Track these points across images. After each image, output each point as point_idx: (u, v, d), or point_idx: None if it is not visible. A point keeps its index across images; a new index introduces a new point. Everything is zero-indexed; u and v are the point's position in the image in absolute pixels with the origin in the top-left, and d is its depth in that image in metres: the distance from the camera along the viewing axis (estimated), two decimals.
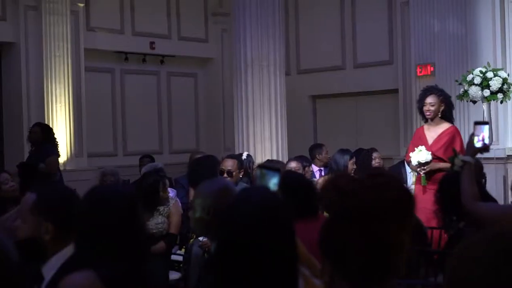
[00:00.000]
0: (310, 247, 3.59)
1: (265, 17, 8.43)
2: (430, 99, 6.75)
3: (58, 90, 11.07)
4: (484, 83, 9.06)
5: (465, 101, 9.74)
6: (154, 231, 5.62)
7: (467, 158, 3.58)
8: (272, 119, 8.47)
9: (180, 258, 6.35)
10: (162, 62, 13.30)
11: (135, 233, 2.11)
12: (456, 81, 9.69)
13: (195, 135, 14.10)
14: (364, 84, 12.80)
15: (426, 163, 6.50)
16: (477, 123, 3.66)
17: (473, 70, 9.41)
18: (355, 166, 7.20)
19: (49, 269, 2.35)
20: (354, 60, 13.03)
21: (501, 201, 8.08)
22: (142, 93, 13.14)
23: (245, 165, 6.69)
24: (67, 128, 11.18)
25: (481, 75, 9.12)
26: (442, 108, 6.73)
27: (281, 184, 2.15)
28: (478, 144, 3.58)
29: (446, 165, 6.15)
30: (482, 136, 3.58)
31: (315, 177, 8.06)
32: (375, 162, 7.95)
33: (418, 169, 6.63)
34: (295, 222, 1.94)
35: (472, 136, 3.60)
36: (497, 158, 9.46)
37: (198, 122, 14.14)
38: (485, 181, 8.39)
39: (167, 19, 13.28)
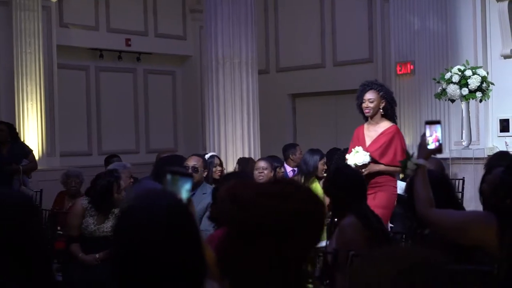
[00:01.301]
0: None
1: (237, 13, 8.18)
2: (369, 95, 6.15)
3: (29, 88, 10.78)
4: (463, 82, 8.87)
5: (443, 100, 9.55)
6: (108, 234, 5.37)
7: (420, 161, 3.37)
8: (244, 118, 8.23)
9: None
10: (138, 59, 13.04)
11: (25, 246, 1.84)
12: (434, 79, 9.50)
13: (173, 134, 13.85)
14: (344, 83, 12.59)
15: (364, 166, 5.96)
16: (428, 122, 3.44)
17: (452, 68, 9.22)
18: (325, 167, 6.95)
19: None
20: (334, 58, 12.83)
21: (479, 203, 7.86)
22: (118, 91, 12.87)
23: (208, 165, 6.44)
24: (38, 127, 10.90)
25: (460, 73, 8.92)
26: (383, 105, 6.13)
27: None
28: (431, 145, 3.36)
29: (387, 168, 5.95)
30: (435, 136, 3.37)
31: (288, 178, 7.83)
32: None
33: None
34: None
35: (424, 137, 3.39)
36: (476, 158, 9.26)
37: (176, 121, 13.89)
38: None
39: (144, 15, 13.01)
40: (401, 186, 8.41)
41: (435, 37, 10.51)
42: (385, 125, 6.15)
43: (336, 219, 4.40)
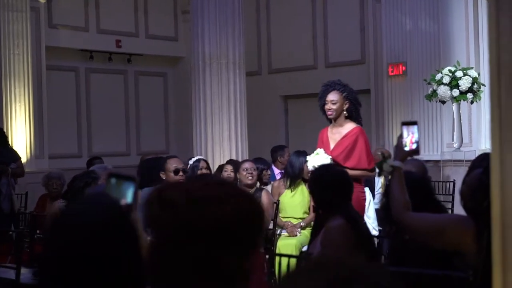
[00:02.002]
0: None
1: (224, 13, 8.07)
2: (331, 96, 5.78)
3: (17, 89, 10.66)
4: (453, 83, 8.76)
5: (434, 101, 9.46)
6: None
7: (397, 163, 3.25)
8: (231, 119, 8.12)
9: None
10: (129, 61, 12.92)
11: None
12: (425, 80, 9.40)
13: (165, 136, 13.73)
14: None
15: None
16: (405, 123, 3.32)
17: (443, 69, 9.12)
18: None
19: None
20: (326, 60, 12.72)
21: None
22: (109, 92, 12.75)
23: (189, 169, 6.32)
24: (27, 129, 10.78)
25: (450, 74, 8.81)
26: (346, 106, 5.76)
27: None
28: (408, 147, 3.25)
29: (352, 172, 5.50)
30: (412, 137, 3.26)
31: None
32: None
33: None
34: None
35: (400, 139, 3.28)
36: (467, 161, 9.13)
37: (168, 123, 13.77)
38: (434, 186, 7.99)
39: (134, 16, 12.90)
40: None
41: (427, 38, 10.43)
42: (349, 126, 5.79)
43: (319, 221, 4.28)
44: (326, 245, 3.97)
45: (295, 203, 6.72)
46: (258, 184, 6.70)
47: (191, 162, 6.61)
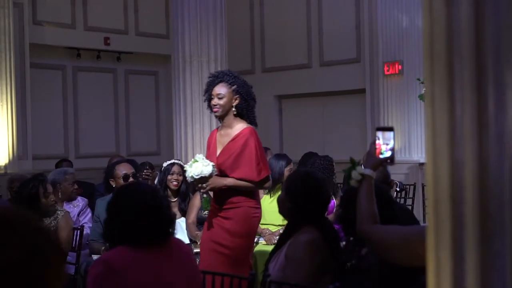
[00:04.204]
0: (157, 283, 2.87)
1: (205, 7, 7.68)
2: (218, 89, 4.77)
3: None
4: None
5: None
6: None
7: (367, 171, 2.91)
8: (213, 119, 7.72)
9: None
10: (118, 59, 12.55)
11: None
12: (418, 79, 9.02)
13: (155, 137, 13.37)
14: (331, 84, 12.14)
15: (204, 179, 4.58)
16: (380, 129, 2.95)
17: None
18: None
19: None
20: (321, 58, 12.34)
21: None
22: (97, 91, 12.39)
23: (161, 173, 5.96)
24: (9, 129, 10.43)
25: None
26: (237, 102, 4.77)
27: None
28: (385, 154, 2.89)
29: (238, 183, 4.70)
30: (388, 144, 2.90)
31: None
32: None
33: (196, 188, 4.75)
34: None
35: (373, 145, 2.92)
36: None
37: (159, 123, 13.40)
38: (402, 190, 7.52)
39: (124, 13, 12.52)
40: None
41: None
42: (239, 127, 4.78)
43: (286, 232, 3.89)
44: (292, 258, 3.57)
45: (274, 208, 6.25)
46: None
47: (165, 164, 6.23)
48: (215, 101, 4.76)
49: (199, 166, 4.53)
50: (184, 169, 4.83)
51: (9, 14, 10.45)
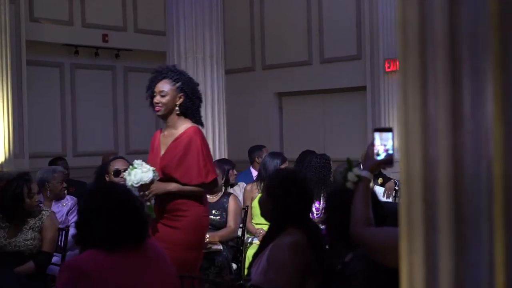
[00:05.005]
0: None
1: (201, 3, 7.54)
2: (161, 86, 4.40)
3: None
4: None
5: None
6: (22, 248, 4.76)
7: (364, 173, 2.81)
8: (208, 118, 7.60)
9: None
10: (117, 56, 12.45)
11: None
12: None
13: None
14: (331, 81, 12.01)
15: (145, 186, 4.22)
16: (378, 130, 2.83)
17: None
18: None
19: None
20: (321, 55, 12.20)
21: None
22: (95, 89, 12.29)
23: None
24: (5, 127, 10.33)
25: None
26: (180, 100, 4.40)
27: None
28: (382, 155, 2.77)
29: (182, 188, 4.33)
30: (386, 146, 2.77)
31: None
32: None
33: (139, 195, 4.19)
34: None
35: (371, 146, 2.79)
36: None
37: (158, 121, 13.24)
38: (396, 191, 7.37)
39: (122, 9, 12.42)
40: (379, 191, 7.77)
41: None
42: (184, 127, 4.39)
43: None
44: (274, 261, 3.38)
45: None
46: (223, 188, 6.16)
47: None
48: (157, 98, 4.42)
49: (138, 173, 4.20)
50: (123, 176, 4.52)
51: (5, 11, 10.34)
